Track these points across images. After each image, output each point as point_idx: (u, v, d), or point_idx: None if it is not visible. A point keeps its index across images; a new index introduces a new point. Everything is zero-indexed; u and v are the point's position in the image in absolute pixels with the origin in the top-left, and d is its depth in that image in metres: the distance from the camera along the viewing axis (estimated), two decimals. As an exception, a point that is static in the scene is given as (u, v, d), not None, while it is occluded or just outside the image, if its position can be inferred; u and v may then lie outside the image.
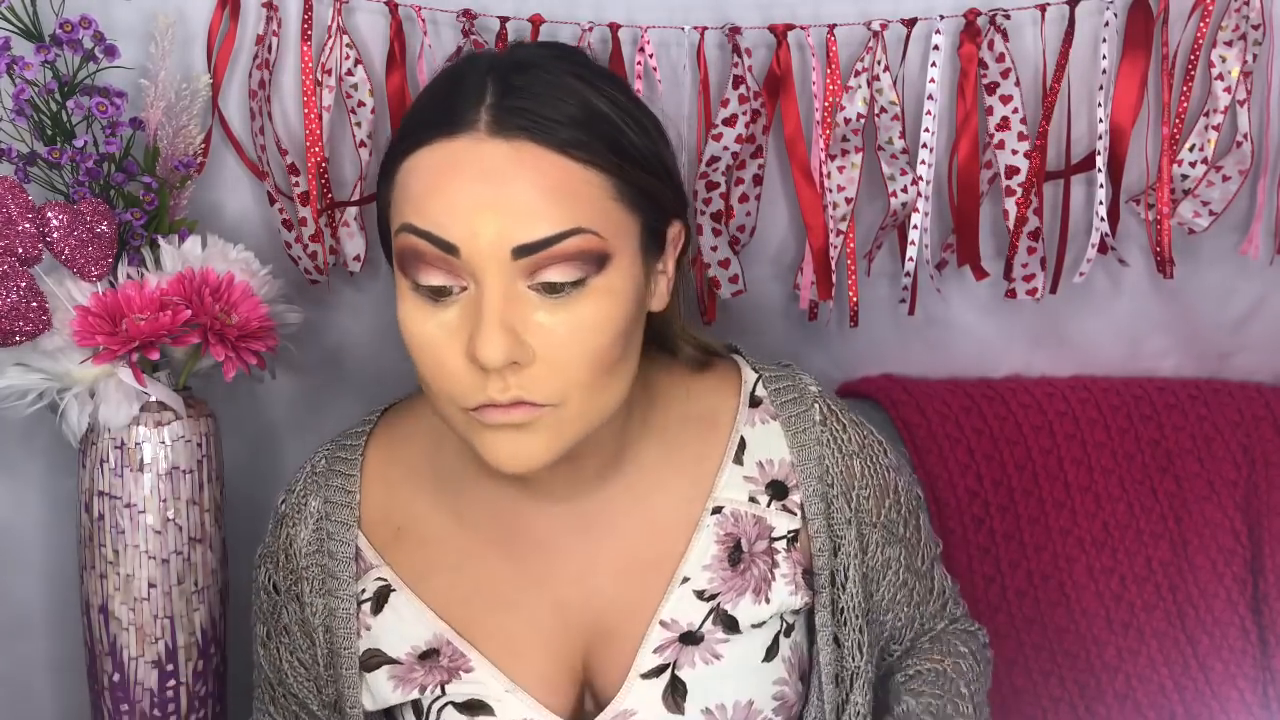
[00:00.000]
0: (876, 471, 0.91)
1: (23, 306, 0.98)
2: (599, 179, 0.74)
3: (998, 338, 1.28)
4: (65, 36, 1.01)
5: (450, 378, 0.74)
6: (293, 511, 0.91)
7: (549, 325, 0.73)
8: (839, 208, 1.15)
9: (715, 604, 0.85)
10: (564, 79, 0.75)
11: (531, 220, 0.71)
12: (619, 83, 0.81)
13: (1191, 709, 1.20)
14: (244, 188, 1.17)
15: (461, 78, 0.76)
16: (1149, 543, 1.22)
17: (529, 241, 0.71)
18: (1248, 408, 1.24)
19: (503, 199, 0.71)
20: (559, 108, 0.73)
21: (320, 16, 1.12)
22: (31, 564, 1.21)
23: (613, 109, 0.76)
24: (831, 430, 0.90)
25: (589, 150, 0.73)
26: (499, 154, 0.72)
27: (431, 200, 0.72)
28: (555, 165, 0.72)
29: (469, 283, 0.73)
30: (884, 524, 0.91)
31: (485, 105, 0.73)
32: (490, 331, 0.71)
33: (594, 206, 0.73)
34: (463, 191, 0.72)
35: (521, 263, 0.72)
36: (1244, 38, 1.11)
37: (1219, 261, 1.23)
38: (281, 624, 0.91)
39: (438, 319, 0.74)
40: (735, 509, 0.87)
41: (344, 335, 1.24)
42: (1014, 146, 1.13)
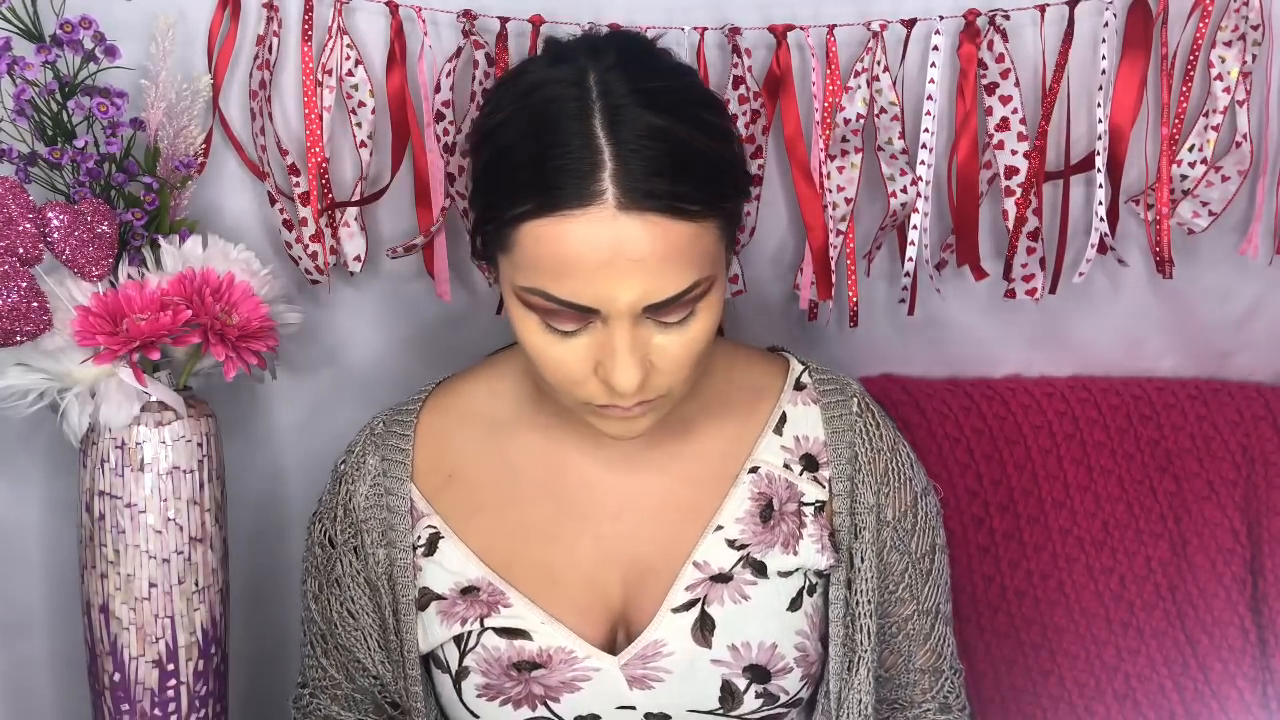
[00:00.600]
0: (900, 476, 0.98)
1: (23, 306, 0.98)
2: (711, 227, 0.81)
3: (997, 338, 1.28)
4: (66, 37, 1.01)
5: (579, 385, 0.83)
6: (351, 470, 0.99)
7: (666, 345, 0.82)
8: (839, 208, 1.15)
9: (745, 553, 0.93)
10: (666, 124, 0.78)
11: (661, 283, 0.79)
12: (695, 91, 0.85)
13: (1191, 709, 1.20)
14: (244, 188, 1.17)
15: (561, 127, 0.78)
16: (1148, 542, 1.23)
17: (659, 301, 0.79)
18: (1247, 408, 1.24)
19: (637, 270, 0.78)
20: (671, 166, 0.78)
21: (320, 17, 1.12)
22: (31, 564, 1.21)
23: (712, 145, 0.81)
24: (866, 423, 0.98)
25: (704, 205, 0.79)
26: (630, 229, 0.77)
27: (568, 275, 0.78)
28: (680, 232, 0.78)
29: (596, 321, 0.81)
30: (897, 529, 0.97)
31: (608, 174, 0.77)
32: (625, 365, 0.80)
33: (707, 254, 0.81)
34: (600, 267, 0.77)
35: (650, 310, 0.80)
36: (1243, 38, 1.11)
37: (1218, 261, 1.23)
38: (334, 577, 0.98)
39: (568, 344, 0.82)
40: (770, 471, 0.95)
41: (344, 335, 1.24)
42: (1013, 147, 1.13)
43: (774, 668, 0.91)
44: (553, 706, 0.90)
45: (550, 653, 0.90)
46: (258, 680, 1.25)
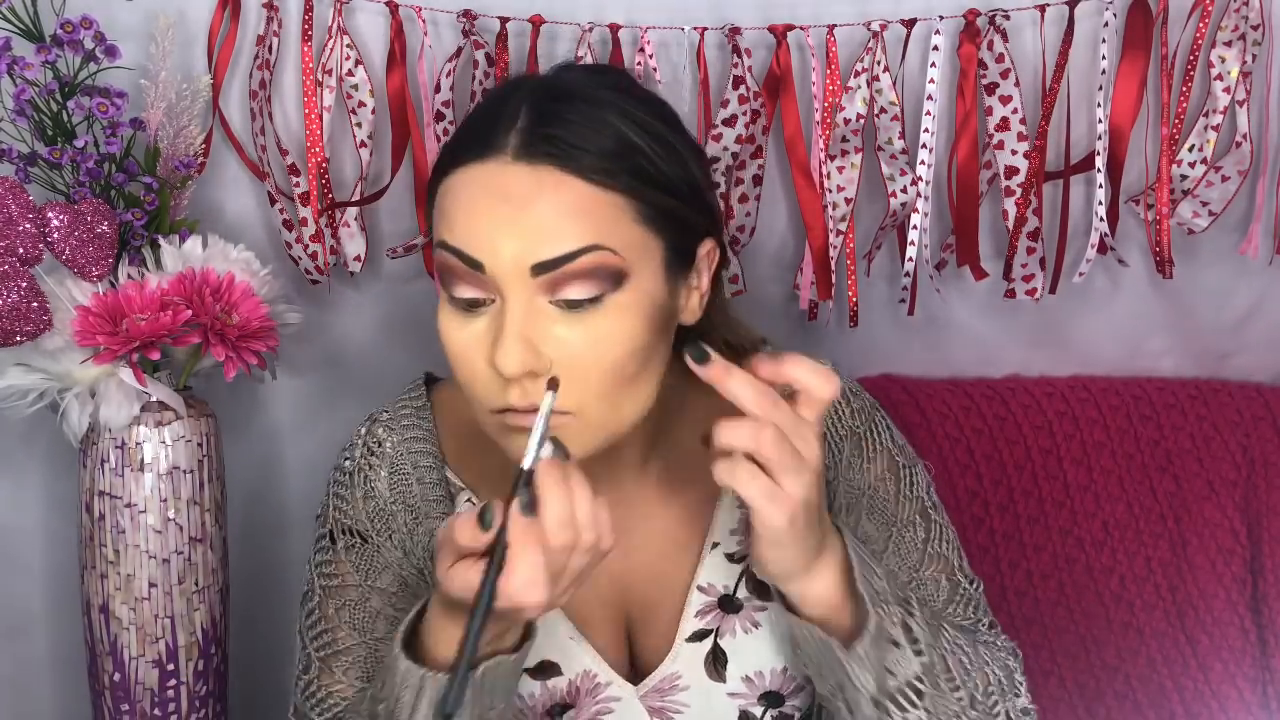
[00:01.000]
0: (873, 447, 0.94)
1: (23, 306, 0.98)
2: (619, 200, 0.77)
3: (997, 338, 1.28)
4: (66, 37, 1.01)
5: (478, 382, 0.79)
6: (366, 458, 0.95)
7: (567, 338, 0.77)
8: (839, 208, 1.15)
9: (745, 565, 0.90)
10: (600, 109, 0.78)
11: (550, 239, 0.75)
12: (660, 109, 0.84)
13: (1191, 709, 1.20)
14: (244, 188, 1.17)
15: (501, 101, 0.80)
16: (1149, 542, 1.22)
17: (547, 259, 0.75)
18: (1247, 408, 1.24)
19: (522, 220, 0.75)
20: (588, 137, 0.77)
21: (320, 17, 1.12)
22: (31, 564, 1.21)
23: (645, 138, 0.79)
24: (834, 410, 0.95)
25: (611, 176, 0.76)
26: (521, 177, 0.76)
27: (459, 220, 0.77)
28: (574, 188, 0.76)
29: (496, 296, 0.78)
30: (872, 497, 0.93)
31: (515, 129, 0.77)
32: (508, 343, 0.76)
33: (613, 226, 0.77)
34: (487, 213, 0.76)
35: (541, 279, 0.76)
36: (1243, 38, 1.11)
37: (1218, 261, 1.23)
38: (377, 569, 0.92)
39: (470, 329, 0.79)
40: None
41: (344, 335, 1.24)
42: (1013, 147, 1.13)
43: (786, 690, 0.90)
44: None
45: (578, 683, 0.89)
46: (258, 680, 1.25)
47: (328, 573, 0.93)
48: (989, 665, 0.86)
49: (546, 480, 0.72)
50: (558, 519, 0.71)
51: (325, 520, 0.95)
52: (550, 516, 0.71)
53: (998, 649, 0.91)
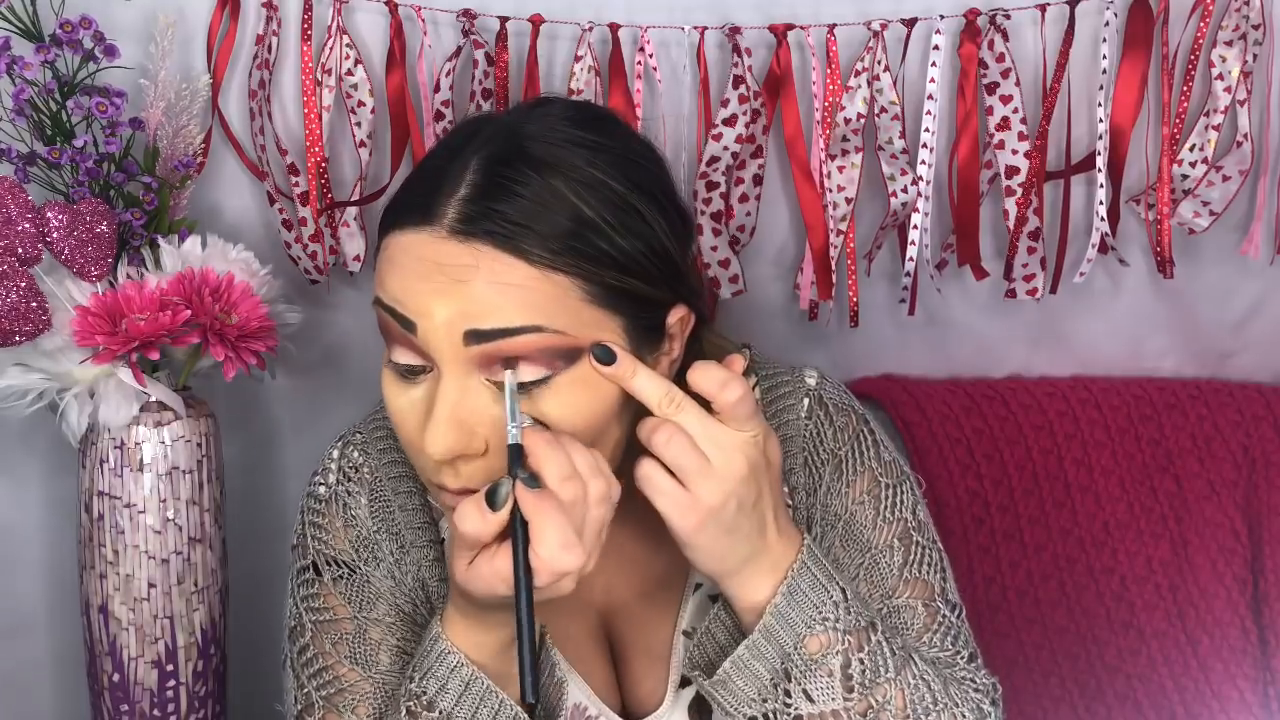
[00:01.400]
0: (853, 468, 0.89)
1: (23, 306, 0.98)
2: (566, 282, 0.71)
3: (998, 338, 1.28)
4: (65, 36, 1.01)
5: (416, 452, 0.75)
6: (339, 484, 0.90)
7: None
8: (839, 208, 1.15)
9: None
10: (555, 180, 0.72)
11: (488, 311, 0.70)
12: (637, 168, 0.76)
13: (1191, 709, 1.20)
14: (244, 188, 1.17)
15: (450, 157, 0.74)
16: (1149, 542, 1.22)
17: (483, 329, 0.70)
18: (1248, 408, 1.24)
19: (459, 291, 0.70)
20: (535, 215, 0.71)
21: (320, 16, 1.12)
22: (31, 564, 1.21)
23: (608, 213, 0.73)
24: (817, 425, 0.89)
25: (556, 256, 0.71)
26: (456, 253, 0.70)
27: (394, 280, 0.72)
28: (514, 269, 0.70)
29: (432, 366, 0.73)
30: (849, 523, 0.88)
31: (455, 199, 0.71)
32: (436, 425, 0.71)
33: (560, 306, 0.71)
34: (421, 279, 0.71)
35: (475, 352, 0.71)
36: (1244, 38, 1.11)
37: (1219, 261, 1.23)
38: (369, 598, 0.88)
39: (408, 395, 0.74)
40: None
41: (344, 335, 1.24)
42: (1014, 146, 1.13)
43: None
44: None
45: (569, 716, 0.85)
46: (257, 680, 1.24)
47: (317, 607, 0.88)
48: (958, 707, 0.81)
49: (537, 445, 0.69)
50: (560, 475, 0.68)
51: (304, 551, 0.90)
52: (552, 476, 0.68)
53: (974, 688, 0.86)
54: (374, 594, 0.88)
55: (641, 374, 0.73)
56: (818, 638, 0.76)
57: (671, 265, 0.77)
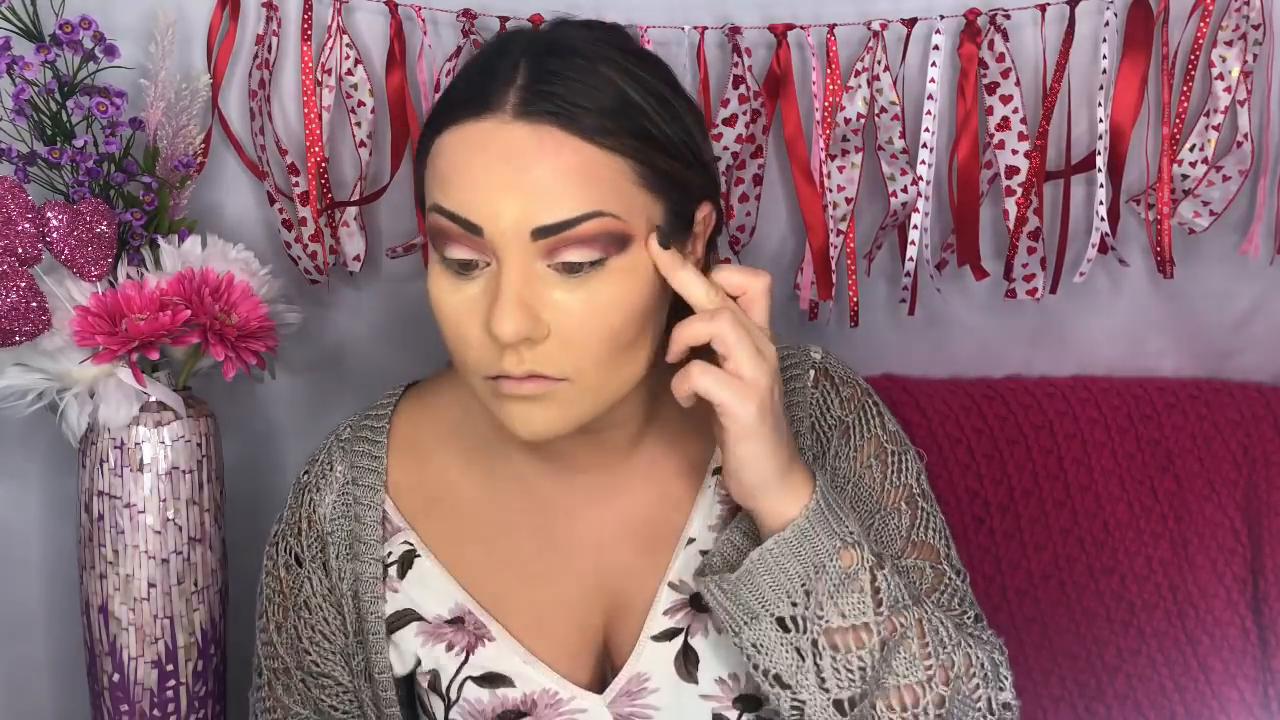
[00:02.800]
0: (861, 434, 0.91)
1: (23, 306, 0.98)
2: (621, 163, 0.75)
3: (998, 338, 1.28)
4: (65, 36, 1.01)
5: (471, 348, 0.77)
6: (316, 479, 0.93)
7: (565, 303, 0.75)
8: (839, 208, 1.15)
9: None
10: (599, 66, 0.76)
11: (551, 203, 0.73)
12: (659, 68, 0.82)
13: (1191, 709, 1.20)
14: (244, 188, 1.17)
15: (497, 57, 0.77)
16: (1149, 542, 1.22)
17: (548, 223, 0.73)
18: (1248, 408, 1.24)
19: (524, 182, 0.73)
20: (588, 95, 0.74)
21: (320, 16, 1.12)
22: (31, 564, 1.21)
23: (646, 97, 0.77)
24: (823, 393, 0.92)
25: (612, 136, 0.74)
26: (522, 136, 0.73)
27: (456, 181, 0.74)
28: (577, 150, 0.73)
29: (491, 259, 0.75)
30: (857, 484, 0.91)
31: (515, 87, 0.74)
32: (506, 307, 0.73)
33: (615, 190, 0.74)
34: (486, 173, 0.73)
35: (541, 243, 0.73)
36: (1244, 38, 1.11)
37: (1219, 261, 1.23)
38: (302, 599, 0.92)
39: (463, 292, 0.76)
40: None
41: (344, 335, 1.24)
42: (1014, 146, 1.13)
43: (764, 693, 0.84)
44: None
45: (534, 697, 0.86)
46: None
47: (270, 585, 0.94)
48: (973, 649, 0.82)
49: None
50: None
51: (278, 529, 0.95)
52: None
53: (984, 641, 0.87)
54: (309, 591, 0.92)
55: (689, 266, 0.76)
56: (850, 552, 0.78)
57: (701, 157, 0.81)
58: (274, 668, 0.94)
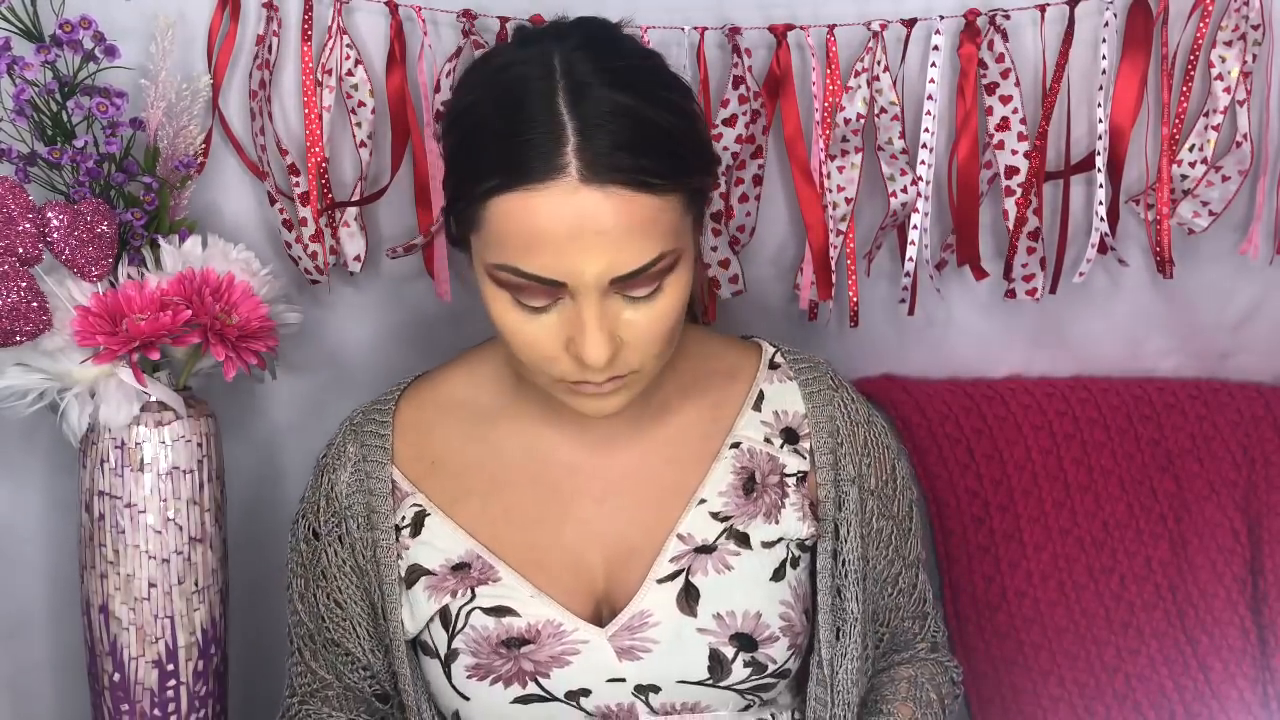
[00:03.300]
0: (879, 446, 1.01)
1: (23, 306, 0.98)
2: (673, 201, 0.82)
3: (998, 338, 1.28)
4: (65, 37, 1.01)
5: (552, 362, 0.85)
6: (332, 460, 1.00)
7: (634, 320, 0.84)
8: (839, 208, 1.15)
9: (729, 525, 0.94)
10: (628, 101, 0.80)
11: (627, 255, 0.80)
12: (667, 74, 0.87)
13: (1191, 709, 1.20)
14: (244, 188, 1.17)
15: (526, 106, 0.80)
16: (1149, 542, 1.22)
17: (625, 273, 0.81)
18: (1247, 408, 1.24)
19: (601, 242, 0.79)
20: (643, 148, 0.80)
21: (320, 16, 1.12)
22: (31, 564, 1.21)
23: (679, 122, 0.83)
24: (842, 397, 1.00)
25: (670, 180, 0.81)
26: (594, 201, 0.79)
27: (535, 248, 0.80)
28: (644, 204, 0.80)
29: (565, 296, 0.82)
30: (880, 496, 1.00)
31: (570, 149, 0.78)
32: (595, 339, 0.82)
33: (671, 228, 0.82)
34: (566, 239, 0.79)
35: (616, 285, 0.82)
36: (1244, 38, 1.11)
37: (1219, 261, 1.23)
38: (319, 569, 0.99)
39: (539, 321, 0.84)
40: (752, 446, 0.97)
41: (344, 335, 1.24)
42: (1014, 146, 1.13)
43: (760, 636, 0.91)
44: (543, 683, 0.90)
45: (539, 627, 0.91)
46: (258, 680, 1.24)
47: (294, 558, 1.02)
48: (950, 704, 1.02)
49: None
50: None
51: (303, 508, 1.02)
52: None
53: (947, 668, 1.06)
54: (326, 563, 0.99)
55: None
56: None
57: (713, 151, 0.90)
58: (300, 634, 1.02)
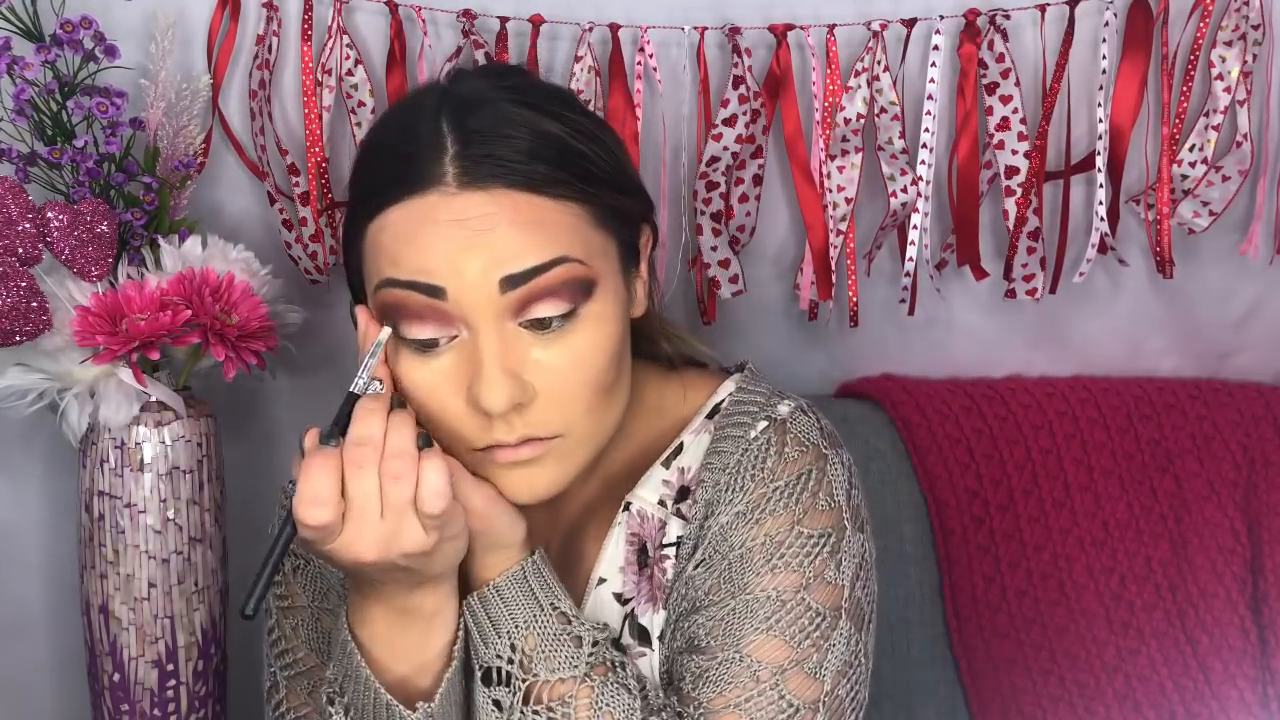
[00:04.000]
0: (783, 504, 0.80)
1: (23, 306, 0.98)
2: (575, 209, 0.74)
3: (998, 338, 1.28)
4: (65, 36, 1.01)
5: (455, 421, 0.75)
6: None
7: (545, 360, 0.73)
8: (839, 208, 1.15)
9: (630, 608, 0.83)
10: (518, 112, 0.74)
11: (516, 253, 0.71)
12: (572, 100, 0.82)
13: (1191, 709, 1.20)
14: (244, 188, 1.17)
15: (413, 127, 0.75)
16: (1149, 542, 1.22)
17: (516, 272, 0.71)
18: (1248, 408, 1.24)
19: (484, 240, 0.71)
20: (527, 148, 0.73)
21: (320, 16, 1.12)
22: (31, 564, 1.21)
23: (577, 137, 0.76)
24: (764, 446, 0.81)
25: (562, 185, 0.73)
26: (475, 202, 0.72)
27: (409, 251, 0.72)
28: (531, 204, 0.72)
29: (459, 330, 0.73)
30: (734, 561, 0.79)
31: (449, 156, 0.72)
32: (492, 378, 0.72)
33: (575, 236, 0.74)
34: (442, 236, 0.71)
35: (510, 298, 0.72)
36: (1244, 38, 1.11)
37: (1219, 261, 1.23)
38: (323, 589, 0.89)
39: (431, 366, 0.74)
40: (642, 508, 0.84)
41: (344, 335, 1.24)
42: (1014, 146, 1.13)
43: None
44: None
45: None
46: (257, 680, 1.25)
47: (279, 593, 0.90)
48: None
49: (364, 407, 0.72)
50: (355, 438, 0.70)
51: None
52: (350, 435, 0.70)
53: None
54: (325, 585, 0.89)
55: None
56: None
57: (635, 182, 0.81)
58: (290, 675, 0.89)
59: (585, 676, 0.76)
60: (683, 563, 0.81)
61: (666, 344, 0.90)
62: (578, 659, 0.76)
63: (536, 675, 0.76)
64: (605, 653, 0.78)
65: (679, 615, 0.81)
